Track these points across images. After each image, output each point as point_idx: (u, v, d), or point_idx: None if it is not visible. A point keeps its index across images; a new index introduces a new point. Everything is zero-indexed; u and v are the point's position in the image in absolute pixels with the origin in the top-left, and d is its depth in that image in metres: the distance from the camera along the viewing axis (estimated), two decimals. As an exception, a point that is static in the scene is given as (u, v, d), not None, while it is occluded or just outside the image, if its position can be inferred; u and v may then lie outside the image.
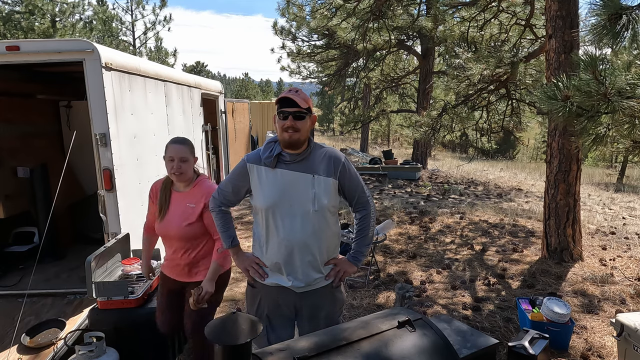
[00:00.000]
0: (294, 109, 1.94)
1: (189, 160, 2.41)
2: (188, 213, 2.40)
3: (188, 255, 2.48)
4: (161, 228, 2.47)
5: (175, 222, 2.41)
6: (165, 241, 2.54)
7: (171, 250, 2.52)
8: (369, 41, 11.04)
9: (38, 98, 4.79)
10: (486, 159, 23.13)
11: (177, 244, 2.46)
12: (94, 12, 20.34)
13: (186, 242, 2.44)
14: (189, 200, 2.42)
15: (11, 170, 4.41)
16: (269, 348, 1.48)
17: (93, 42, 3.28)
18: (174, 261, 2.51)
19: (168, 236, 2.48)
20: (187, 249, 2.47)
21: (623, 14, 2.25)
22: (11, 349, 2.85)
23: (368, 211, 2.15)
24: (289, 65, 16.14)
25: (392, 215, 7.50)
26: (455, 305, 4.07)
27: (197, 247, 2.47)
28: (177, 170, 2.36)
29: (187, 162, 2.39)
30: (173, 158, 2.36)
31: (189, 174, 2.43)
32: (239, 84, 63.62)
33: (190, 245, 2.46)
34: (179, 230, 2.40)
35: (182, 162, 2.37)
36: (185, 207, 2.42)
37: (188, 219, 2.39)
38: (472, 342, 1.83)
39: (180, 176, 2.39)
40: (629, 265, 4.93)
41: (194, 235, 2.44)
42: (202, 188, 2.45)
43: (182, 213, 2.41)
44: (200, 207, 2.40)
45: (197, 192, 2.44)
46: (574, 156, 4.87)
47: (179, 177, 2.39)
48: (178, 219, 2.41)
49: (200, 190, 2.44)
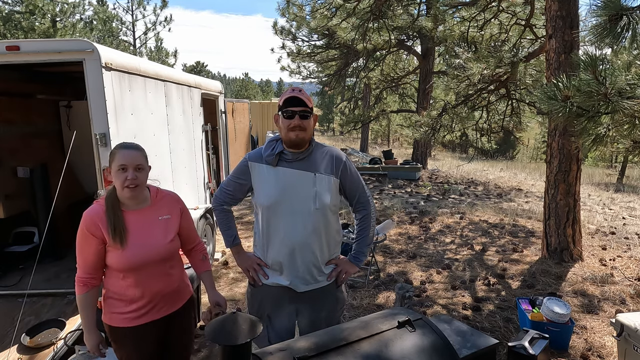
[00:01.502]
0: (301, 108, 1.93)
1: (146, 169, 1.93)
2: (167, 227, 1.99)
3: (173, 274, 2.05)
4: (134, 257, 1.89)
5: (157, 242, 1.94)
6: (135, 275, 1.92)
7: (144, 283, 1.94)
8: (369, 41, 11.04)
9: (38, 98, 4.80)
10: (486, 159, 23.13)
11: (158, 269, 1.96)
12: (95, 12, 20.36)
13: (167, 262, 2.00)
14: (159, 213, 2.00)
15: (11, 170, 4.41)
16: (269, 348, 1.48)
17: (93, 42, 3.28)
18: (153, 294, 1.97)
19: (147, 263, 1.92)
20: (169, 269, 2.02)
21: (624, 14, 2.25)
22: (11, 349, 2.85)
23: (368, 211, 2.15)
24: (289, 65, 16.18)
25: (392, 215, 7.50)
26: (455, 305, 4.07)
27: (174, 266, 2.06)
28: (132, 182, 1.86)
29: (143, 171, 1.91)
30: (125, 167, 1.85)
31: (144, 185, 1.96)
32: (239, 84, 63.60)
33: (169, 266, 2.02)
34: (163, 249, 1.96)
35: (138, 172, 1.88)
36: (157, 222, 1.98)
37: (170, 234, 1.99)
38: (472, 342, 1.83)
39: (136, 189, 1.89)
40: (629, 265, 4.93)
41: (174, 252, 2.05)
42: (168, 195, 2.08)
43: (162, 229, 1.98)
44: (177, 216, 2.04)
45: (164, 202, 2.03)
46: (574, 156, 4.87)
47: (135, 190, 1.88)
48: (159, 237, 1.96)
49: (167, 198, 2.06)
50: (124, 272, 1.91)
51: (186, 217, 2.10)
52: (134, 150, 1.90)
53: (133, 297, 1.93)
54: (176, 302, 2.07)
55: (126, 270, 1.90)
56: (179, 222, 2.04)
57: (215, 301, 2.08)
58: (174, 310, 2.06)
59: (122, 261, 1.88)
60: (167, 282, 2.00)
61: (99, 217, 1.87)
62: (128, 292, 1.93)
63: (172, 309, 2.05)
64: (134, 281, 1.91)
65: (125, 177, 1.85)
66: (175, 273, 2.05)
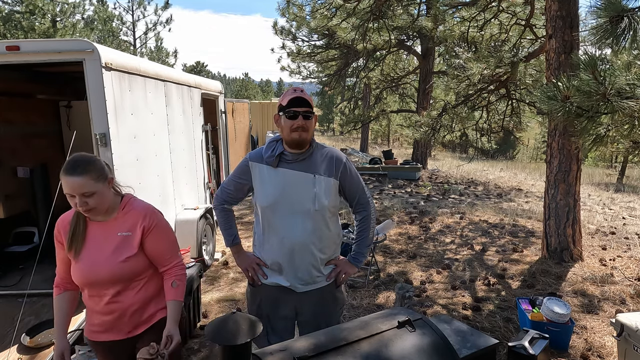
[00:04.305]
0: (304, 109, 1.92)
1: (98, 192, 1.72)
2: (123, 245, 1.81)
3: (133, 296, 1.85)
4: (83, 272, 1.78)
5: (107, 260, 1.78)
6: (90, 290, 1.83)
7: (102, 300, 1.83)
8: (369, 41, 11.04)
9: (38, 98, 4.80)
10: (486, 159, 23.13)
11: (112, 289, 1.81)
12: (95, 12, 20.37)
13: (124, 283, 1.82)
14: (120, 229, 1.82)
15: (11, 170, 4.41)
16: (269, 348, 1.48)
17: (93, 42, 3.29)
18: (112, 313, 1.84)
19: (96, 281, 1.79)
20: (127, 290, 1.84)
21: (624, 15, 2.25)
22: (11, 349, 2.85)
23: (368, 212, 2.15)
24: (289, 65, 16.20)
25: (392, 215, 7.51)
26: (455, 305, 4.07)
27: (138, 286, 1.86)
28: (83, 209, 1.72)
29: (94, 196, 1.72)
30: (73, 195, 1.69)
31: (105, 204, 1.78)
32: (239, 84, 63.65)
33: (130, 286, 1.84)
34: (113, 269, 1.78)
35: (88, 198, 1.71)
36: (116, 238, 1.81)
37: (124, 253, 1.80)
38: (472, 342, 1.83)
39: (92, 212, 1.76)
40: (629, 265, 4.93)
41: (135, 273, 1.83)
42: (136, 210, 1.86)
43: (115, 246, 1.80)
44: (138, 235, 1.82)
45: (129, 217, 1.84)
46: (574, 156, 4.87)
47: (90, 213, 1.77)
48: (110, 254, 1.79)
49: (133, 213, 1.85)
50: (80, 285, 1.84)
51: (154, 235, 1.85)
52: (77, 176, 1.67)
53: (92, 311, 1.87)
54: (138, 325, 1.89)
55: (80, 284, 1.83)
56: (139, 241, 1.82)
57: (168, 334, 1.80)
58: (139, 333, 1.89)
59: (75, 274, 1.81)
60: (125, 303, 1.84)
61: (64, 224, 1.83)
62: (88, 305, 1.87)
63: (135, 331, 1.89)
64: (90, 292, 1.84)
65: (75, 204, 1.71)
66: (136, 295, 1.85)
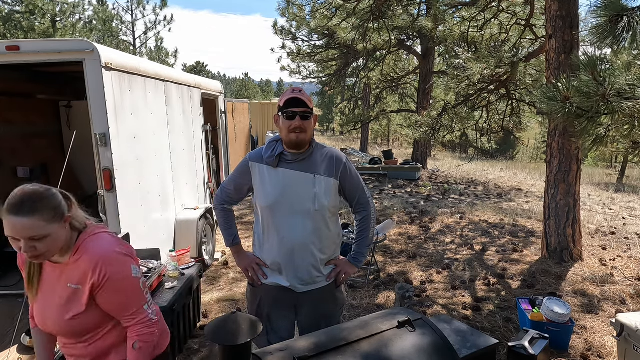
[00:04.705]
0: (302, 109, 1.92)
1: (50, 235, 1.38)
2: (72, 299, 1.48)
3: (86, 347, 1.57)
4: (37, 318, 1.58)
5: (55, 314, 1.51)
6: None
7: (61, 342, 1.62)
8: (369, 41, 11.04)
9: (38, 98, 4.80)
10: (486, 159, 23.14)
11: (64, 339, 1.59)
12: (94, 12, 20.37)
13: (75, 338, 1.55)
14: (70, 278, 1.48)
15: (11, 170, 4.41)
16: (269, 348, 1.48)
17: (93, 42, 3.29)
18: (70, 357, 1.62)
19: (47, 331, 1.59)
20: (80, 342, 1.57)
21: (624, 15, 2.25)
22: (11, 349, 2.85)
23: (368, 212, 2.15)
24: (289, 65, 16.20)
25: (392, 215, 7.51)
26: (455, 305, 4.07)
27: (94, 338, 1.56)
28: (30, 254, 1.38)
29: (44, 240, 1.37)
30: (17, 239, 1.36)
31: (57, 247, 1.43)
32: (239, 84, 63.67)
33: (83, 339, 1.56)
34: (60, 325, 1.51)
35: (37, 242, 1.36)
36: (63, 289, 1.49)
37: (72, 309, 1.48)
38: (472, 342, 1.83)
39: (41, 258, 1.42)
40: (629, 265, 4.93)
41: (86, 330, 1.53)
42: (87, 257, 1.46)
43: (61, 299, 1.49)
44: (87, 288, 1.46)
45: (80, 265, 1.46)
46: (574, 156, 4.87)
47: (40, 259, 1.43)
48: (57, 308, 1.50)
49: (84, 261, 1.46)
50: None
51: (107, 292, 1.47)
52: (23, 217, 1.33)
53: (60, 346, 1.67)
54: None
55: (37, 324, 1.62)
56: (88, 297, 1.47)
57: None
58: None
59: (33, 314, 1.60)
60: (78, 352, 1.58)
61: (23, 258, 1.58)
62: None
63: None
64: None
65: (19, 248, 1.37)
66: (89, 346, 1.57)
